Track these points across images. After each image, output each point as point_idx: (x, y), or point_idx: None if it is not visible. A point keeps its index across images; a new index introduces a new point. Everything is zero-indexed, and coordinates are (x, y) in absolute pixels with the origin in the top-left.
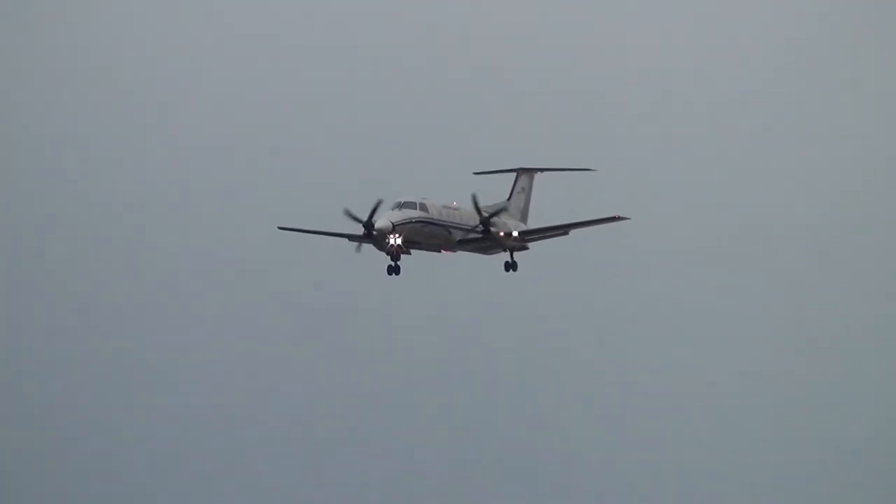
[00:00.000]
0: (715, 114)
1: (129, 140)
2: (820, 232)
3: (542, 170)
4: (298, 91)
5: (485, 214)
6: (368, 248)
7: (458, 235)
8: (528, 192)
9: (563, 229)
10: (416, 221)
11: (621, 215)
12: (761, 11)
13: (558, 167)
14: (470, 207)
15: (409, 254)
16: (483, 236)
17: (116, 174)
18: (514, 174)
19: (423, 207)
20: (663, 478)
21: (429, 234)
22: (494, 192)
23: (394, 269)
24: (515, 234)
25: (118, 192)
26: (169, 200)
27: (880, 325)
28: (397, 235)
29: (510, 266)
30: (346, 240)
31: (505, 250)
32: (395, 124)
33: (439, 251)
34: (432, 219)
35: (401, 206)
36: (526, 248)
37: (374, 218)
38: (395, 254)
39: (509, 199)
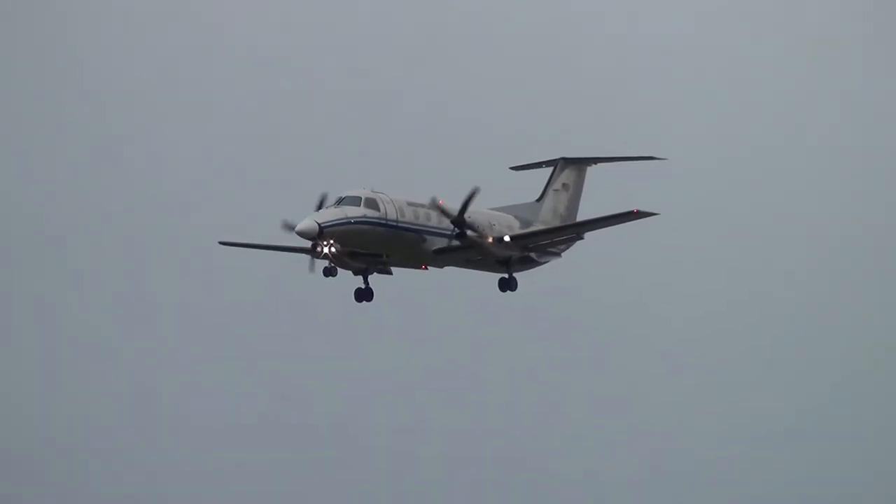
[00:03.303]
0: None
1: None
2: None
3: (594, 160)
4: (307, 88)
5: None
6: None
7: (438, 243)
8: (573, 189)
9: (573, 231)
10: (358, 222)
11: (643, 209)
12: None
13: (616, 156)
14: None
15: (391, 273)
16: (461, 243)
17: (50, 187)
18: (553, 167)
19: (372, 204)
20: None
21: (384, 240)
22: (535, 190)
23: (364, 294)
24: (507, 238)
25: (49, 205)
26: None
27: None
28: (331, 243)
29: (507, 284)
30: (308, 256)
31: (500, 263)
32: (413, 115)
33: (419, 266)
34: (385, 219)
35: (339, 202)
36: (531, 259)
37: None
38: (331, 268)
39: (541, 198)
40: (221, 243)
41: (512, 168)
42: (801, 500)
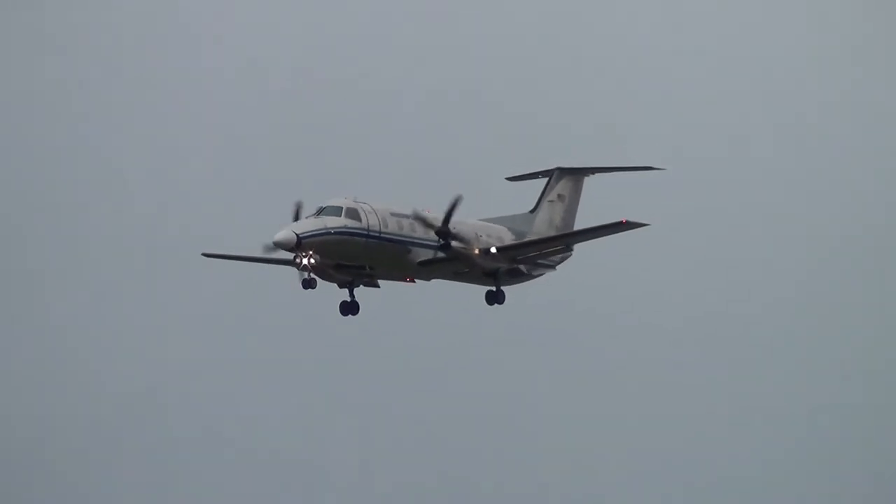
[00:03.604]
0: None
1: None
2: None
3: (591, 170)
4: (304, 95)
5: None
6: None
7: (423, 255)
8: (570, 200)
9: (560, 243)
10: (339, 233)
11: (632, 220)
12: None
13: (613, 166)
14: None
15: (377, 286)
16: (446, 254)
17: (34, 190)
18: (549, 177)
19: (353, 214)
20: None
21: (366, 251)
22: (534, 200)
23: (349, 307)
24: (493, 250)
25: (29, 210)
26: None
27: None
28: (310, 254)
29: (494, 297)
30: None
31: (488, 275)
32: (409, 124)
33: (405, 279)
34: (367, 230)
35: (320, 212)
36: (521, 271)
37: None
38: (311, 280)
39: (534, 209)
40: (205, 255)
41: (508, 179)
42: None
